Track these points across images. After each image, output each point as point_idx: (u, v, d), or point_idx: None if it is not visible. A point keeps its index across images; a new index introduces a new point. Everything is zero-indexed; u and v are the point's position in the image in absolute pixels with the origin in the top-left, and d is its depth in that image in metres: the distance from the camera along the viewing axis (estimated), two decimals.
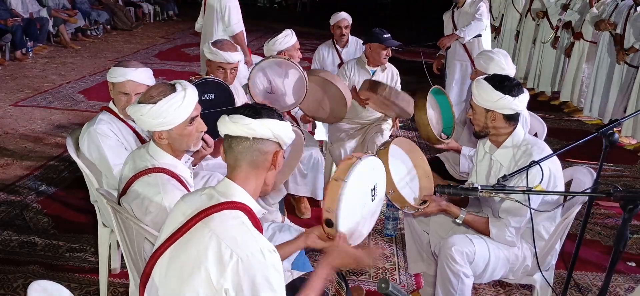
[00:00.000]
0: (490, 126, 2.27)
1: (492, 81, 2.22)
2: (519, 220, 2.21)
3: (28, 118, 5.35)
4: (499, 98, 2.18)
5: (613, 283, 3.01)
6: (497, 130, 2.28)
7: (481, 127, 2.31)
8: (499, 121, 2.24)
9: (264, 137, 1.50)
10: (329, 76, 3.26)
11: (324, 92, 3.30)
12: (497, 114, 2.23)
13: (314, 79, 3.23)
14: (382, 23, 4.34)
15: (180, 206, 1.55)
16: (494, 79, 2.24)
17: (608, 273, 1.66)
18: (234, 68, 3.02)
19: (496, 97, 2.18)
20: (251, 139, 1.50)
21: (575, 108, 6.42)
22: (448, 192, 1.95)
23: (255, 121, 1.48)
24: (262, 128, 1.49)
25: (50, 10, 8.69)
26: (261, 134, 1.49)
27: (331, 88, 3.23)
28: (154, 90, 1.90)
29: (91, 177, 2.44)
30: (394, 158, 2.28)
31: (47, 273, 2.86)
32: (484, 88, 2.21)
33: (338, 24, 4.65)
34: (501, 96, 2.17)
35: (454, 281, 2.21)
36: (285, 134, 1.54)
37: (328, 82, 3.20)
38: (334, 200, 1.72)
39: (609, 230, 3.63)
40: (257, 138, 1.50)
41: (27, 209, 3.54)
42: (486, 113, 2.25)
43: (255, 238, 1.41)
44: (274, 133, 1.51)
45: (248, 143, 1.50)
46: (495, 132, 2.29)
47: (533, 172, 2.07)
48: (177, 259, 1.46)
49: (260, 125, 1.48)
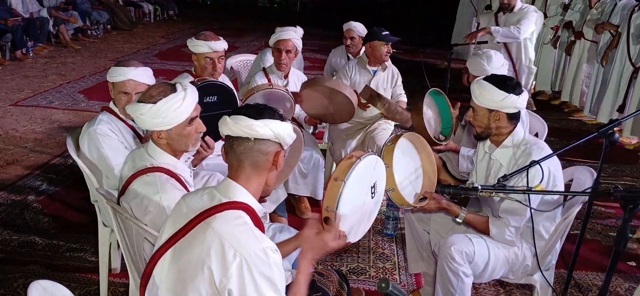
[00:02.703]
0: (493, 126, 2.27)
1: (494, 81, 2.22)
2: (519, 219, 2.21)
3: (28, 118, 5.35)
4: (504, 98, 2.17)
5: (613, 283, 3.01)
6: (499, 130, 2.28)
7: (483, 128, 2.30)
8: (503, 120, 2.24)
9: (265, 137, 1.50)
10: (335, 84, 3.26)
11: (330, 101, 3.30)
12: (501, 114, 2.22)
13: (321, 89, 3.25)
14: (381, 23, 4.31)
15: (181, 206, 1.55)
16: (496, 79, 2.24)
17: (608, 273, 1.66)
18: (221, 57, 3.06)
19: (501, 97, 2.17)
20: (252, 140, 1.49)
21: (575, 108, 6.41)
22: (448, 191, 1.96)
23: (256, 122, 1.48)
24: (263, 129, 1.49)
25: (51, 10, 8.69)
26: (262, 135, 1.49)
27: (338, 96, 3.23)
28: (154, 89, 1.90)
29: (91, 176, 2.44)
30: (401, 154, 2.26)
31: (48, 272, 2.86)
32: (487, 88, 2.21)
33: (346, 34, 4.49)
34: (506, 95, 2.17)
35: (454, 280, 2.21)
36: (286, 134, 1.54)
37: (335, 90, 3.20)
38: (333, 199, 1.72)
39: (610, 230, 3.63)
40: (259, 139, 1.50)
41: (27, 209, 3.54)
42: (490, 114, 2.24)
43: (257, 238, 1.42)
44: (276, 134, 1.51)
45: (249, 144, 1.50)
46: (497, 132, 2.29)
47: (533, 172, 2.07)
48: (179, 259, 1.46)
49: (261, 125, 1.48)
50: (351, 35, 4.47)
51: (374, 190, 1.94)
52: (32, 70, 7.30)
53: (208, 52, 2.99)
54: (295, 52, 3.55)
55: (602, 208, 3.91)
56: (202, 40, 2.99)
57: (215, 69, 3.03)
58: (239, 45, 9.84)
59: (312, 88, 3.26)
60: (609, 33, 5.56)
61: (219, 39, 3.06)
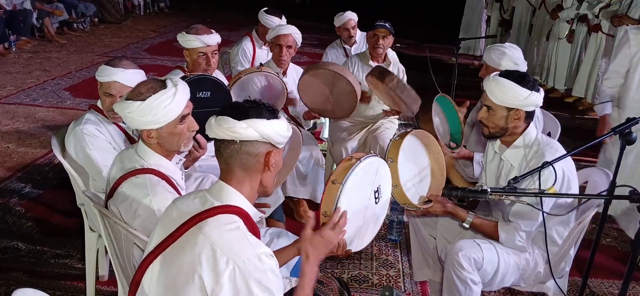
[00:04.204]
0: (511, 126, 2.25)
1: (513, 78, 2.18)
2: (530, 224, 2.21)
3: (11, 117, 5.35)
4: (528, 95, 2.15)
5: (630, 291, 3.01)
6: (515, 129, 2.26)
7: (498, 129, 2.27)
8: (521, 119, 2.23)
9: (252, 139, 1.48)
10: (339, 68, 3.24)
11: (332, 86, 3.28)
12: (521, 112, 2.21)
13: (322, 73, 3.22)
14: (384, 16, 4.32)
15: (172, 210, 1.55)
16: (514, 76, 2.20)
17: (625, 281, 1.66)
18: (215, 51, 3.06)
19: (524, 94, 2.15)
20: (238, 142, 1.48)
21: (590, 106, 6.41)
22: (456, 194, 1.95)
23: (239, 123, 1.46)
24: (247, 130, 1.46)
25: (34, 2, 8.68)
26: (247, 136, 1.47)
27: (341, 81, 3.21)
28: (142, 86, 1.90)
29: (77, 179, 2.44)
30: (409, 150, 2.25)
31: (31, 280, 2.85)
32: (507, 86, 2.17)
33: (345, 26, 4.61)
34: (529, 92, 2.15)
35: (462, 288, 2.21)
36: (275, 133, 1.51)
37: (338, 75, 3.18)
38: (330, 204, 1.71)
39: (626, 235, 3.62)
40: (244, 141, 1.48)
41: (9, 213, 3.53)
42: (508, 113, 2.22)
43: (251, 243, 1.41)
44: (262, 135, 1.48)
45: (235, 146, 1.49)
46: (513, 131, 2.27)
47: (546, 174, 2.06)
48: (169, 267, 1.46)
49: (244, 127, 1.46)
50: (352, 25, 4.51)
51: (379, 194, 1.92)
52: (15, 66, 7.30)
53: (200, 47, 2.98)
54: (295, 47, 3.56)
55: None
56: (193, 35, 2.99)
57: (209, 65, 3.03)
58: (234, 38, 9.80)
59: (313, 73, 3.25)
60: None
61: (212, 32, 3.06)
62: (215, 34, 3.08)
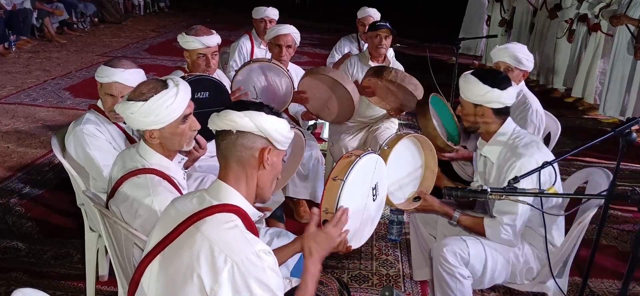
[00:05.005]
0: (480, 122, 2.31)
1: (478, 75, 2.25)
2: (513, 217, 2.22)
3: (11, 116, 5.35)
4: (487, 92, 2.21)
5: (631, 291, 3.01)
6: (487, 125, 2.31)
7: (470, 123, 2.35)
8: (488, 116, 2.28)
9: (247, 129, 1.49)
10: (339, 76, 3.25)
11: (331, 92, 3.29)
12: (485, 109, 2.25)
13: (322, 78, 3.23)
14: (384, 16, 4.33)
15: (170, 210, 1.55)
16: (481, 73, 2.27)
17: (625, 281, 1.66)
18: (215, 52, 3.06)
19: (484, 91, 2.21)
20: (234, 132, 1.49)
21: (590, 106, 6.41)
22: (456, 194, 1.95)
23: (237, 113, 1.48)
24: (243, 119, 1.48)
25: (34, 1, 8.69)
26: (243, 126, 1.48)
27: (339, 89, 3.22)
28: (144, 86, 1.89)
29: (78, 178, 2.44)
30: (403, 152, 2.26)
31: (31, 280, 2.86)
32: (471, 82, 2.25)
33: (362, 21, 4.64)
34: (489, 89, 2.20)
35: (451, 283, 2.21)
36: (273, 130, 1.51)
37: (337, 82, 3.19)
38: (332, 200, 1.71)
39: (627, 235, 3.63)
40: (240, 131, 1.49)
41: (9, 213, 3.53)
42: (475, 109, 2.29)
43: (249, 241, 1.41)
44: (258, 127, 1.49)
45: (232, 137, 1.50)
46: (485, 127, 2.32)
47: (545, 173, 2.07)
48: (167, 266, 1.46)
49: (241, 116, 1.48)
50: (369, 21, 4.51)
51: (376, 192, 1.93)
52: (15, 66, 7.30)
53: (200, 48, 2.98)
54: (294, 46, 3.56)
55: (619, 212, 3.91)
56: (193, 36, 2.98)
57: (209, 66, 3.03)
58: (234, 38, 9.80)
59: (313, 77, 3.25)
60: (627, 27, 5.56)
61: (212, 33, 3.05)
62: (215, 35, 3.07)
